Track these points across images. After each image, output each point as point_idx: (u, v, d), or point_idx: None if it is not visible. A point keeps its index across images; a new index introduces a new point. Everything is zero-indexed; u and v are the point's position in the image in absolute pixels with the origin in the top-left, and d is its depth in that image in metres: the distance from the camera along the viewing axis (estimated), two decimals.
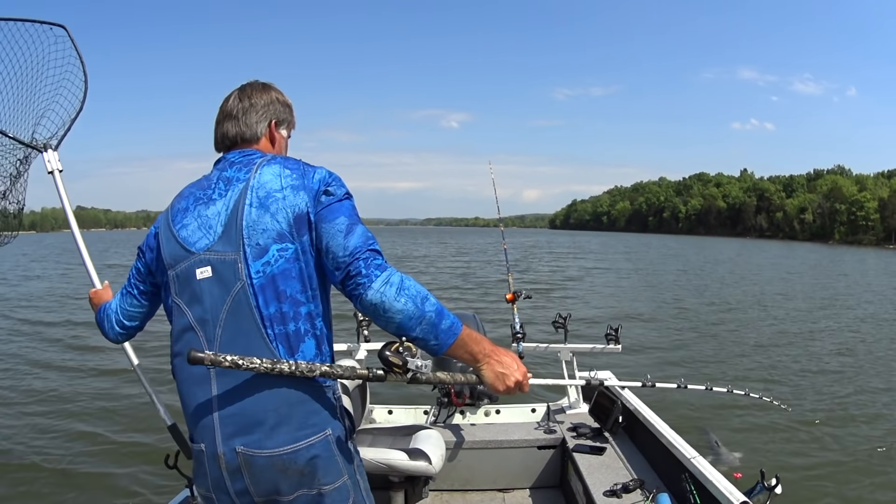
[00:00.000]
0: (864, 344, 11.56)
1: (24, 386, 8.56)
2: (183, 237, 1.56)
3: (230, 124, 1.68)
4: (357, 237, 1.46)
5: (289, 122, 1.79)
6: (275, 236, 1.48)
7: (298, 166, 1.57)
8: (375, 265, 1.42)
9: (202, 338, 1.49)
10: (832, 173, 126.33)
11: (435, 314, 1.41)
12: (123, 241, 76.07)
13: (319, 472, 1.49)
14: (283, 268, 1.48)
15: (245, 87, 1.74)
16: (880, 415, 7.22)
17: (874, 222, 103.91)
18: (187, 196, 1.63)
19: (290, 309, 1.48)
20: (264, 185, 1.52)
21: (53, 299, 17.90)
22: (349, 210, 1.52)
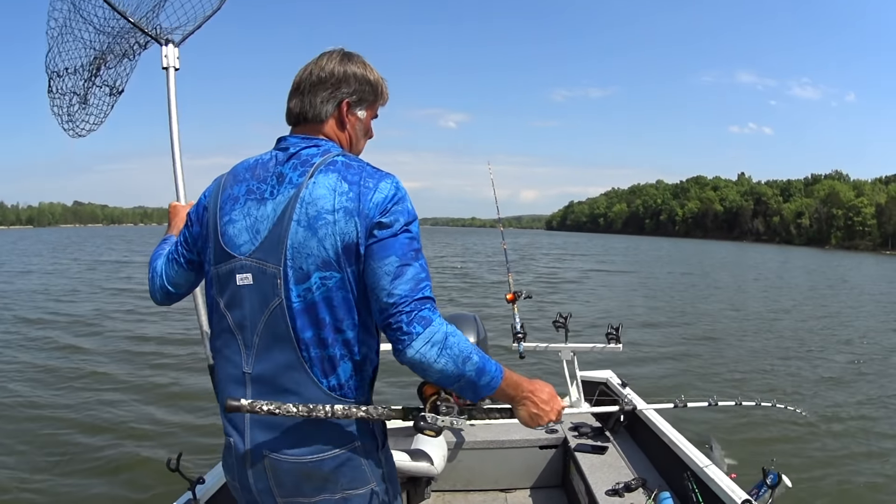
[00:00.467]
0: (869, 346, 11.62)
1: (17, 388, 8.56)
2: (229, 236, 1.47)
3: (296, 100, 1.53)
4: (405, 283, 1.34)
5: (370, 101, 1.58)
6: (319, 263, 1.37)
7: (358, 180, 1.40)
8: (419, 319, 1.32)
9: (240, 342, 1.46)
10: (830, 178, 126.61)
11: (475, 374, 1.35)
12: (120, 237, 76.03)
13: (345, 479, 1.45)
14: (324, 296, 1.39)
15: (321, 56, 1.55)
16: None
17: (871, 228, 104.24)
18: (242, 182, 1.51)
19: (328, 335, 1.40)
20: (315, 201, 1.38)
21: (56, 296, 17.82)
22: (403, 247, 1.37)
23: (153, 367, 9.52)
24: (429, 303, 1.35)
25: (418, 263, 1.37)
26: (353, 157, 1.47)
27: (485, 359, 1.36)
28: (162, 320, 12.75)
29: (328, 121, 1.53)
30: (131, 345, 10.68)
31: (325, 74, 1.50)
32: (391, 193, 1.39)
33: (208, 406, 7.57)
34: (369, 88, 1.56)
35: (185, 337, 11.04)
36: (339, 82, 1.51)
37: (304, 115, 1.52)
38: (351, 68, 1.52)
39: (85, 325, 12.45)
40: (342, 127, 1.55)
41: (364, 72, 1.54)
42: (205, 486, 2.43)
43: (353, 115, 1.55)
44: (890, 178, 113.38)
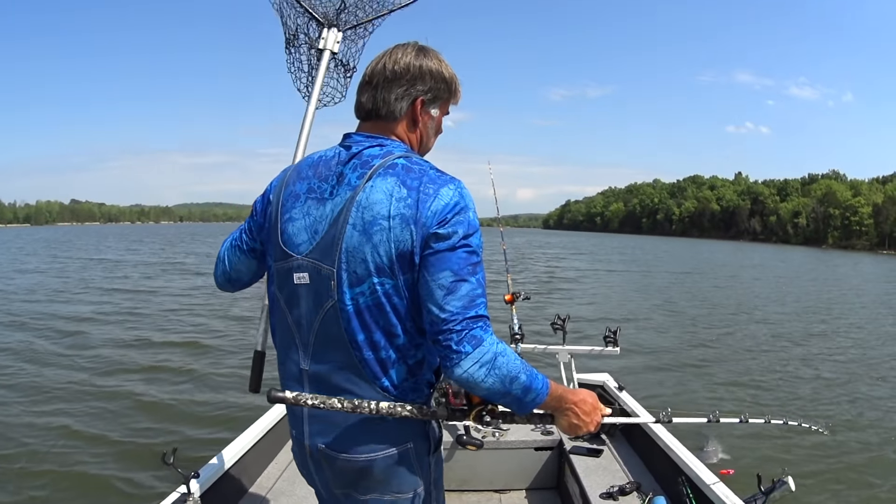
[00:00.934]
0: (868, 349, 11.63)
1: (14, 382, 8.55)
2: (288, 235, 1.46)
3: (367, 94, 1.48)
4: (458, 299, 1.30)
5: (444, 99, 1.53)
6: (373, 269, 1.35)
7: (418, 185, 1.35)
8: (470, 338, 1.29)
9: (297, 339, 1.47)
10: (827, 178, 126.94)
11: (521, 392, 1.34)
12: (117, 235, 75.91)
13: (394, 480, 1.47)
14: (377, 301, 1.37)
15: (395, 49, 1.48)
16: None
17: (868, 227, 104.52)
18: (304, 179, 1.48)
19: (380, 339, 1.39)
20: (372, 206, 1.35)
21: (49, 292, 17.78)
22: (460, 261, 1.32)
23: (147, 363, 9.54)
24: (481, 321, 1.31)
25: (475, 279, 1.33)
26: (416, 160, 1.42)
27: (532, 377, 1.34)
28: (159, 324, 12.71)
29: (401, 119, 1.48)
30: (127, 342, 10.67)
31: (400, 69, 1.45)
32: (452, 202, 1.35)
33: (204, 403, 7.62)
34: (444, 86, 1.50)
35: (183, 338, 11.12)
36: (414, 79, 1.45)
37: (377, 111, 1.47)
38: (427, 64, 1.47)
39: (77, 322, 12.43)
40: (414, 125, 1.50)
41: (440, 68, 1.49)
42: (199, 481, 2.45)
43: (426, 114, 1.50)
44: (887, 178, 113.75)
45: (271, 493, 2.89)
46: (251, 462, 3.01)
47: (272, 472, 3.12)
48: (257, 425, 3.25)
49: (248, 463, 2.98)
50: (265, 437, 3.23)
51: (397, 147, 1.45)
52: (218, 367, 9.32)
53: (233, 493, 2.77)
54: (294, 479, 3.04)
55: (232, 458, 2.82)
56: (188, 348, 10.63)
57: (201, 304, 15.29)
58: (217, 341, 10.71)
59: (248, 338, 11.07)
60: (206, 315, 13.59)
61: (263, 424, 3.27)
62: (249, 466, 2.98)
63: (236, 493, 2.80)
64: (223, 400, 7.74)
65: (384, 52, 1.49)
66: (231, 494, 2.75)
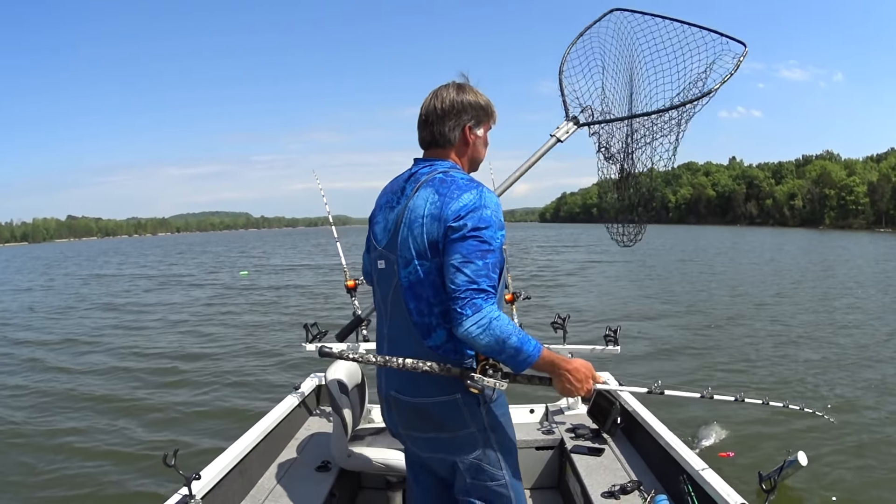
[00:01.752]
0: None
1: (13, 382, 8.61)
2: (374, 232, 1.99)
3: (426, 131, 1.94)
4: (465, 275, 1.69)
5: (485, 121, 1.98)
6: (415, 254, 1.81)
7: (445, 192, 1.80)
8: (471, 305, 1.67)
9: (382, 309, 1.98)
10: (821, 159, 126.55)
11: (513, 351, 1.68)
12: (113, 251, 75.71)
13: (448, 422, 1.88)
14: (419, 278, 1.82)
15: (439, 92, 1.93)
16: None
17: (864, 206, 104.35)
18: (386, 194, 1.99)
19: (425, 307, 1.82)
20: (414, 209, 1.83)
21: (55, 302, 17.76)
22: (468, 247, 1.72)
23: (148, 367, 9.60)
24: (483, 294, 1.68)
25: (481, 262, 1.71)
26: (453, 174, 1.86)
27: (523, 341, 1.69)
28: (156, 334, 12.71)
29: (455, 142, 1.94)
30: (126, 352, 10.69)
31: (447, 107, 1.90)
32: (470, 202, 1.76)
33: (204, 403, 7.65)
34: (483, 112, 1.96)
35: (184, 341, 11.11)
36: (459, 112, 1.91)
37: (436, 142, 1.94)
38: (467, 98, 1.92)
39: (77, 338, 12.43)
40: (466, 146, 1.96)
41: (476, 98, 1.94)
42: (201, 482, 2.48)
43: (473, 135, 1.95)
44: (881, 156, 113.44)
45: (272, 494, 2.90)
46: (253, 463, 3.03)
47: (273, 473, 3.14)
48: (258, 426, 3.26)
49: (250, 464, 2.99)
50: (266, 438, 3.25)
51: (442, 165, 1.90)
52: (219, 368, 9.40)
53: (234, 494, 2.78)
54: (295, 481, 3.05)
55: (233, 459, 2.84)
56: (189, 350, 10.69)
57: (200, 314, 15.28)
58: (216, 348, 10.71)
59: (248, 341, 11.27)
60: (207, 324, 13.59)
61: (265, 425, 3.29)
62: (251, 467, 3.00)
63: (238, 495, 2.82)
64: (224, 400, 7.80)
65: (431, 93, 1.94)
66: (232, 495, 2.77)
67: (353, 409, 3.24)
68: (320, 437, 3.61)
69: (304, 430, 3.76)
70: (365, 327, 3.98)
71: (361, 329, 3.98)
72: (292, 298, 18.23)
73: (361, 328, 3.98)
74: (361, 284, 4.06)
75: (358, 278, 4.10)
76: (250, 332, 12.50)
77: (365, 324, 3.98)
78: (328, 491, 2.98)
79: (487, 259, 1.72)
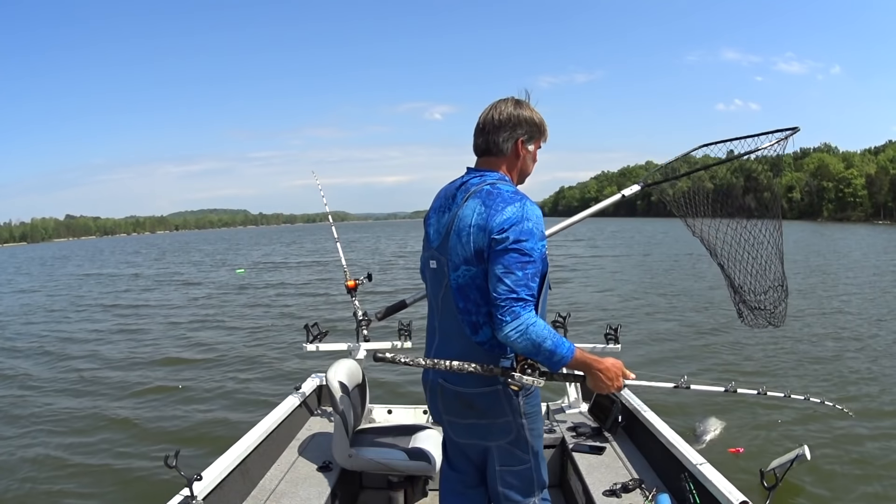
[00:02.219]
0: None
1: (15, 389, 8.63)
2: (428, 234, 2.14)
3: (482, 139, 2.07)
4: (504, 284, 1.84)
5: (537, 137, 2.11)
6: (463, 259, 1.96)
7: (491, 205, 1.92)
8: (510, 312, 1.81)
9: (434, 306, 2.14)
10: (819, 151, 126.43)
11: (548, 353, 1.83)
12: (111, 249, 75.59)
13: (489, 410, 2.06)
14: (466, 282, 1.98)
15: (498, 104, 2.06)
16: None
17: (862, 198, 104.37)
18: (439, 198, 2.14)
19: (472, 307, 1.99)
20: (463, 217, 1.97)
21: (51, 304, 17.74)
22: (509, 258, 1.85)
23: (149, 368, 9.59)
24: (521, 301, 1.82)
25: (521, 272, 1.84)
26: (500, 186, 1.98)
27: (557, 344, 1.83)
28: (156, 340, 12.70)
29: (507, 155, 2.06)
30: (122, 354, 10.69)
31: (504, 119, 2.03)
32: (513, 216, 1.89)
33: (205, 404, 7.66)
34: (536, 128, 2.08)
35: (188, 339, 11.18)
36: (514, 125, 2.03)
37: (489, 150, 2.06)
38: (523, 113, 2.04)
39: (74, 339, 12.44)
40: (517, 157, 2.08)
41: (531, 115, 2.06)
42: (202, 483, 2.49)
43: (525, 149, 2.08)
44: (879, 149, 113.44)
45: (273, 495, 2.91)
46: (253, 464, 3.03)
47: (275, 474, 3.14)
48: (259, 427, 3.27)
49: (251, 465, 3.00)
50: (268, 439, 3.26)
51: (491, 176, 2.02)
52: (219, 371, 9.39)
53: (235, 496, 2.79)
54: (296, 482, 3.06)
55: (234, 460, 2.85)
56: (188, 350, 10.68)
57: (199, 317, 15.28)
58: (216, 349, 10.71)
59: (248, 341, 11.26)
60: (204, 327, 13.59)
61: (266, 426, 3.30)
62: (252, 468, 3.01)
63: (239, 496, 2.82)
64: (224, 400, 7.80)
65: (490, 105, 2.07)
66: (233, 496, 2.77)
67: (354, 409, 3.25)
68: (321, 437, 3.62)
69: (306, 431, 3.76)
70: (366, 327, 3.99)
71: (363, 329, 3.99)
72: (290, 298, 18.17)
73: (363, 329, 4.00)
74: (361, 284, 4.07)
75: (358, 278, 4.11)
76: (250, 332, 12.49)
77: (365, 323, 3.99)
78: (330, 491, 2.99)
79: (527, 269, 1.85)
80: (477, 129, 2.08)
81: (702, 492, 2.53)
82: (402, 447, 3.12)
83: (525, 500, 2.22)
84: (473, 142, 2.10)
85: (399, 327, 4.01)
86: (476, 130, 2.08)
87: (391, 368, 8.20)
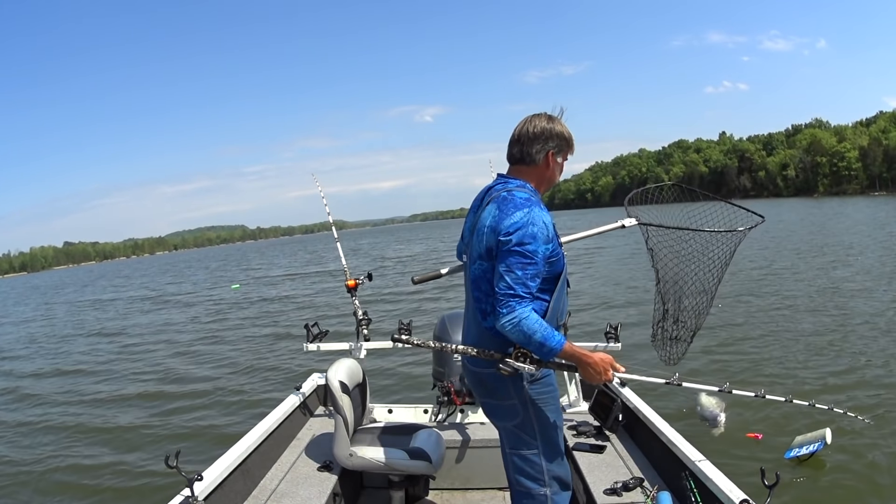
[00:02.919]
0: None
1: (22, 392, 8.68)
2: (464, 229, 2.44)
3: (516, 149, 2.29)
4: (504, 281, 2.06)
5: (566, 150, 2.32)
6: (479, 255, 2.23)
7: (503, 209, 2.15)
8: (507, 305, 2.03)
9: (467, 294, 2.36)
10: (810, 127, 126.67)
11: (538, 344, 2.05)
12: (110, 274, 75.58)
13: (496, 391, 2.30)
14: (480, 275, 2.24)
15: (533, 118, 2.27)
16: None
17: (857, 171, 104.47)
18: (475, 199, 2.41)
19: (483, 297, 2.23)
20: (482, 219, 2.23)
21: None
22: (510, 258, 2.07)
23: (149, 372, 9.61)
24: (517, 297, 2.03)
25: (521, 272, 2.05)
26: (516, 193, 2.19)
27: (547, 337, 2.04)
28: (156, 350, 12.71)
29: (538, 164, 2.28)
30: (125, 370, 10.74)
31: (538, 131, 2.25)
32: (517, 221, 2.09)
33: (205, 405, 7.68)
34: (565, 142, 2.30)
35: (189, 343, 11.09)
36: (547, 138, 2.25)
37: (522, 160, 2.28)
38: (555, 128, 2.26)
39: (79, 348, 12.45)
40: (546, 167, 2.29)
41: (562, 130, 2.28)
42: (202, 483, 2.49)
43: (554, 161, 2.29)
44: (870, 120, 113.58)
45: (274, 495, 2.91)
46: (254, 464, 3.04)
47: (275, 473, 3.14)
48: (260, 427, 3.28)
49: (252, 465, 3.00)
50: (268, 439, 3.27)
51: (512, 183, 2.25)
52: (219, 370, 9.50)
53: (236, 496, 2.79)
54: (297, 481, 3.06)
55: (235, 460, 2.85)
56: (191, 356, 10.72)
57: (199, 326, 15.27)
58: (217, 358, 10.73)
59: (247, 349, 11.21)
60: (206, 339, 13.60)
61: (266, 426, 3.31)
62: (252, 469, 3.01)
63: (239, 496, 2.82)
64: (225, 402, 7.82)
65: (525, 119, 2.28)
66: (234, 496, 2.77)
67: (354, 408, 3.24)
68: (322, 437, 3.61)
69: (306, 431, 3.76)
70: (366, 327, 4.01)
71: (363, 329, 4.00)
72: (287, 307, 18.20)
73: (362, 328, 4.00)
74: (361, 284, 4.07)
75: (358, 278, 4.11)
76: (251, 334, 12.55)
77: (365, 323, 4.00)
78: (331, 491, 2.99)
79: (527, 270, 2.06)
80: (512, 139, 2.29)
81: (703, 490, 2.52)
82: (403, 447, 3.12)
83: (535, 487, 2.33)
84: (508, 151, 2.31)
85: (399, 327, 4.00)
86: (511, 141, 2.29)
87: (391, 369, 8.23)
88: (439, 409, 3.85)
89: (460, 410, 3.84)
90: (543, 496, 2.33)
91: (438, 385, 3.91)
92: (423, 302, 16.03)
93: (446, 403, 3.82)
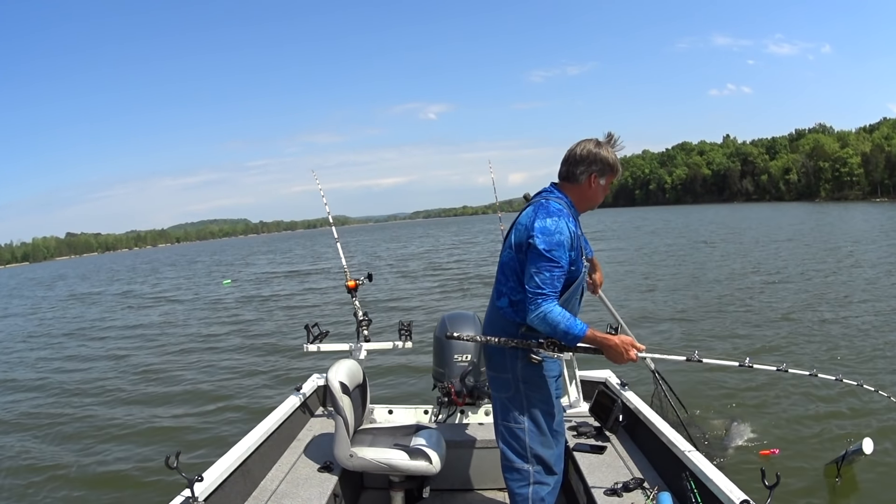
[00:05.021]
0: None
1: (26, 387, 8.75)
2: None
3: (564, 168, 2.59)
4: (532, 281, 2.38)
5: (609, 174, 2.57)
6: (510, 245, 2.57)
7: (538, 213, 2.46)
8: (535, 303, 2.36)
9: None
10: (814, 132, 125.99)
11: (562, 333, 2.36)
12: (109, 266, 75.33)
13: (493, 362, 2.65)
14: (506, 261, 2.58)
15: (584, 142, 2.56)
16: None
17: (858, 177, 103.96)
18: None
19: (503, 279, 2.59)
20: (521, 220, 2.55)
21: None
22: (537, 261, 2.37)
23: (152, 373, 9.63)
24: (542, 296, 2.35)
25: (549, 274, 2.36)
26: (552, 202, 2.50)
27: (570, 327, 2.35)
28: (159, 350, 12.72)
29: (580, 183, 2.56)
30: (129, 355, 10.78)
31: (584, 154, 2.54)
32: (547, 227, 2.40)
33: (206, 406, 7.72)
34: (608, 167, 2.56)
35: (191, 342, 11.21)
36: (591, 162, 2.53)
37: (567, 178, 2.58)
38: (601, 153, 2.53)
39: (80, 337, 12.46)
40: (588, 188, 2.57)
41: (607, 155, 2.54)
42: (203, 484, 2.50)
43: (596, 183, 2.57)
44: (874, 126, 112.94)
45: (275, 496, 2.92)
46: (255, 465, 3.05)
47: (276, 474, 3.16)
48: (260, 427, 3.29)
49: (252, 466, 3.02)
50: (269, 440, 3.28)
51: (551, 194, 2.57)
52: (219, 371, 9.50)
53: (236, 496, 2.81)
54: (297, 482, 3.07)
55: (235, 461, 2.87)
56: (191, 357, 10.74)
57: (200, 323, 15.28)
58: (216, 355, 10.74)
59: (246, 346, 11.25)
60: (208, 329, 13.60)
61: (267, 427, 3.32)
62: (253, 469, 3.02)
63: (240, 496, 2.84)
64: (225, 403, 7.83)
65: (577, 143, 2.57)
66: (235, 497, 2.79)
67: (354, 409, 3.26)
68: (322, 437, 3.63)
69: (307, 431, 3.78)
70: (366, 328, 4.04)
71: (363, 329, 4.03)
72: (287, 307, 18.02)
73: (362, 328, 4.04)
74: (361, 284, 4.10)
75: (358, 279, 4.14)
76: (250, 335, 12.53)
77: (365, 323, 4.03)
78: (331, 492, 3.00)
79: (554, 272, 2.37)
80: (563, 158, 2.59)
81: (703, 491, 2.54)
82: (403, 447, 3.14)
83: (518, 462, 2.61)
84: (560, 169, 2.61)
85: (399, 327, 4.03)
86: (563, 160, 2.60)
87: (391, 369, 8.24)
88: (440, 410, 3.88)
89: (460, 411, 3.87)
90: (526, 471, 2.60)
91: (439, 386, 3.94)
92: (423, 302, 16.11)
93: (447, 404, 3.85)
